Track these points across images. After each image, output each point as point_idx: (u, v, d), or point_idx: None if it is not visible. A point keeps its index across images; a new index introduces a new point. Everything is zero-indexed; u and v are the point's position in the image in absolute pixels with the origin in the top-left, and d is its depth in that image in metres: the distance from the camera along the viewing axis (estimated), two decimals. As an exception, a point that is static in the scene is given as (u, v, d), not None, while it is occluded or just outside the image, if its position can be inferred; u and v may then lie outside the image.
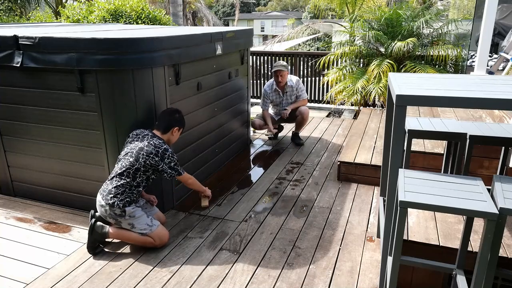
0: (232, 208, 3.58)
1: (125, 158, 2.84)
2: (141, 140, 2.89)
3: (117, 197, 2.78)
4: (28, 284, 2.58)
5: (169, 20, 8.28)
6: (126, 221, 2.84)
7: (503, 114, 3.99)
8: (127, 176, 2.80)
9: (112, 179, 2.83)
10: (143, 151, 2.80)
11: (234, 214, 3.47)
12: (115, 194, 2.78)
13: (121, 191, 2.79)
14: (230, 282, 2.60)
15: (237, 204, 3.66)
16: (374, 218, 3.38)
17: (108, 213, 2.81)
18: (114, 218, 2.84)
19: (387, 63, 5.75)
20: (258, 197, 3.80)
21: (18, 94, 3.38)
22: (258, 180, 4.20)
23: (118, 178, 2.81)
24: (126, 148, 2.90)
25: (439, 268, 2.25)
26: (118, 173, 2.81)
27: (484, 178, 3.04)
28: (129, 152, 2.84)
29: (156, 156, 2.82)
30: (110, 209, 2.79)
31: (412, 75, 2.56)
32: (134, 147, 2.85)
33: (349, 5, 9.07)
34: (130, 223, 2.85)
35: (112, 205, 2.78)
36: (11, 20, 10.50)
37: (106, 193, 2.80)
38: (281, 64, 4.99)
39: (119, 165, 2.86)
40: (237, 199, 3.76)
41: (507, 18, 7.89)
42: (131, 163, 2.80)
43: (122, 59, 2.99)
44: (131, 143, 2.90)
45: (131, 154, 2.82)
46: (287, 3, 53.85)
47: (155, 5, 16.18)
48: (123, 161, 2.84)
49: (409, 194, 1.85)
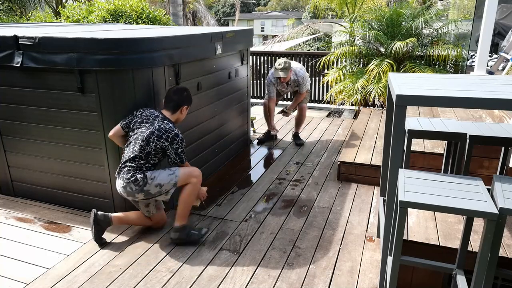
0: (232, 208, 3.58)
1: (136, 142, 2.84)
2: (151, 123, 2.87)
3: (135, 173, 2.81)
4: (28, 284, 2.58)
5: (169, 20, 8.29)
6: (151, 185, 2.83)
7: (503, 114, 3.99)
8: (140, 159, 2.83)
9: (125, 163, 2.84)
10: (154, 135, 2.82)
11: (234, 214, 3.47)
12: (133, 172, 2.81)
13: (136, 167, 2.82)
14: (230, 282, 2.60)
15: (237, 204, 3.66)
16: (374, 218, 3.38)
17: (135, 189, 2.81)
18: (142, 191, 2.82)
19: (387, 62, 5.75)
20: (258, 197, 3.80)
21: (18, 94, 3.38)
22: (258, 180, 4.20)
23: (131, 161, 2.83)
24: (136, 130, 2.88)
25: (439, 268, 2.25)
26: (131, 157, 2.82)
27: (484, 178, 3.04)
28: (140, 136, 2.84)
29: (166, 141, 2.84)
30: (134, 185, 2.80)
31: (412, 75, 2.56)
32: (144, 131, 2.84)
33: (349, 5, 9.06)
34: (156, 184, 2.85)
35: (134, 181, 2.80)
36: (11, 20, 10.50)
37: (124, 175, 2.82)
38: (282, 68, 4.75)
39: (130, 148, 2.86)
40: (237, 199, 3.76)
41: (507, 18, 7.89)
42: (143, 147, 2.82)
43: (122, 59, 2.99)
44: (141, 125, 2.88)
45: (142, 139, 2.82)
46: (287, 3, 53.84)
47: (155, 5, 16.18)
48: (134, 144, 2.84)
49: (409, 194, 1.85)
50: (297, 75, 4.97)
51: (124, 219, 3.08)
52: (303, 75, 5.01)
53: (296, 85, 5.06)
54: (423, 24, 5.95)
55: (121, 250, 2.94)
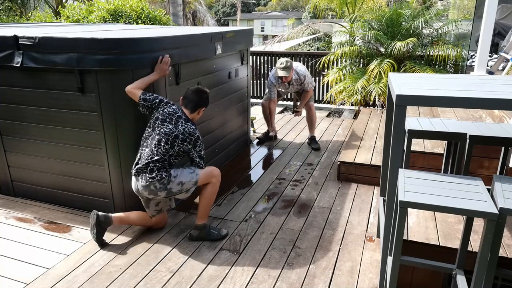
0: (232, 208, 3.58)
1: (160, 144, 2.81)
2: (175, 124, 2.86)
3: (160, 171, 2.82)
4: (28, 284, 2.58)
5: (169, 20, 8.29)
6: (174, 183, 2.85)
7: (503, 114, 3.98)
8: (163, 161, 2.83)
9: (148, 164, 2.82)
10: (179, 139, 2.83)
11: (234, 214, 3.47)
12: (157, 171, 2.81)
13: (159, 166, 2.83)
14: (230, 282, 2.60)
15: (237, 204, 3.66)
16: (374, 218, 3.38)
17: (159, 187, 2.82)
18: (165, 189, 2.84)
19: (387, 62, 5.76)
20: (258, 197, 3.80)
21: (18, 94, 3.38)
22: (258, 180, 4.20)
23: (155, 162, 2.82)
24: (158, 129, 2.85)
25: (439, 268, 2.25)
26: (155, 159, 2.81)
27: (484, 178, 3.04)
28: (164, 138, 2.82)
29: (190, 144, 2.87)
30: (159, 183, 2.81)
31: (412, 75, 2.56)
32: (169, 133, 2.83)
33: (349, 5, 9.07)
34: (178, 182, 2.86)
35: (159, 180, 2.81)
36: (11, 20, 10.50)
37: (147, 174, 2.81)
38: (284, 67, 4.68)
39: (152, 149, 2.82)
40: (237, 199, 3.76)
41: (507, 18, 7.89)
42: (167, 150, 2.82)
43: (122, 59, 2.99)
44: (163, 125, 2.85)
45: (166, 141, 2.82)
46: (287, 3, 53.84)
47: (155, 5, 16.18)
48: (157, 146, 2.82)
49: (409, 194, 1.85)
50: (298, 74, 4.91)
51: (125, 219, 3.09)
52: (304, 73, 4.94)
53: (299, 84, 4.97)
54: (423, 24, 5.95)
55: (121, 250, 2.94)
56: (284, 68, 4.70)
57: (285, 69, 4.70)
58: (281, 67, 4.72)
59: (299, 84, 4.99)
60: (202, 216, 3.06)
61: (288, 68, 4.71)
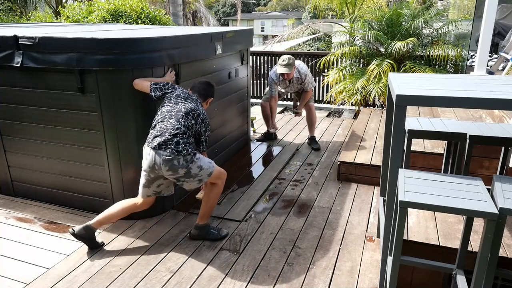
0: (232, 206, 3.58)
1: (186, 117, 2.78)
2: (195, 104, 2.89)
3: (185, 145, 2.77)
4: (28, 284, 2.58)
5: (169, 20, 8.29)
6: (195, 164, 2.82)
7: (503, 114, 3.98)
8: (188, 136, 2.79)
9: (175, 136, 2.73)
10: (200, 118, 2.86)
11: (234, 213, 3.47)
12: (184, 146, 2.75)
13: (185, 141, 2.77)
14: (230, 282, 2.60)
15: (237, 202, 3.66)
16: (374, 218, 3.38)
17: (181, 163, 2.74)
18: (186, 167, 2.77)
19: (387, 63, 5.76)
20: (257, 197, 3.79)
21: (18, 94, 3.38)
22: (258, 179, 4.20)
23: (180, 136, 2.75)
24: (181, 104, 2.83)
25: (439, 268, 2.25)
26: (182, 131, 2.75)
27: (484, 178, 3.04)
28: (190, 112, 2.81)
29: (205, 126, 2.92)
30: (183, 159, 2.74)
31: (412, 75, 2.56)
32: (194, 109, 2.83)
33: (349, 5, 9.06)
34: (199, 166, 2.84)
35: (185, 154, 2.75)
36: (11, 20, 10.50)
37: (172, 147, 2.71)
38: (286, 64, 4.62)
39: (177, 120, 2.76)
40: (237, 197, 3.76)
41: (507, 18, 7.89)
42: (192, 124, 2.81)
43: (122, 59, 2.99)
44: (186, 101, 2.86)
45: (193, 116, 2.81)
46: (287, 3, 53.85)
47: (155, 5, 16.19)
48: (184, 119, 2.78)
49: (409, 194, 1.85)
50: (300, 72, 4.86)
51: (106, 220, 2.95)
52: (305, 72, 4.89)
53: (300, 82, 4.92)
54: (423, 24, 5.95)
55: (121, 250, 2.94)
56: (286, 65, 4.64)
57: (287, 66, 4.64)
58: (283, 64, 4.66)
59: (299, 83, 4.94)
60: (204, 217, 3.05)
61: (290, 65, 4.66)
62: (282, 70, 4.67)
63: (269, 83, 5.03)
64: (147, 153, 2.78)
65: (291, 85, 5.00)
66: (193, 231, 3.08)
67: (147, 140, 2.81)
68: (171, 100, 2.88)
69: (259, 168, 4.50)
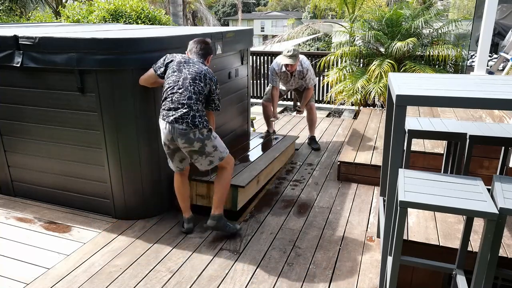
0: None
1: (194, 82, 2.76)
2: (198, 65, 2.85)
3: (201, 118, 2.77)
4: (28, 284, 2.58)
5: (169, 20, 8.29)
6: (211, 142, 2.83)
7: (503, 114, 3.99)
8: (198, 101, 2.77)
9: (189, 106, 2.73)
10: (207, 78, 2.82)
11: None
12: (200, 119, 2.76)
13: (200, 114, 2.78)
14: (230, 282, 2.60)
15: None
16: (374, 218, 3.38)
17: (197, 137, 2.75)
18: (202, 142, 2.78)
19: (387, 63, 5.76)
20: (258, 197, 3.79)
21: (18, 94, 3.38)
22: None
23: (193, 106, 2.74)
24: (184, 70, 2.80)
25: (439, 268, 2.25)
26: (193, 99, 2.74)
27: (484, 178, 3.04)
28: (197, 76, 2.78)
29: (214, 84, 2.87)
30: (198, 131, 2.75)
31: (412, 75, 2.56)
32: (198, 71, 2.80)
33: (349, 5, 9.07)
34: (214, 145, 2.85)
35: (201, 128, 2.76)
36: (11, 20, 10.51)
37: (189, 120, 2.72)
38: (291, 55, 4.52)
39: (186, 87, 2.75)
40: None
41: (507, 18, 7.89)
42: (202, 88, 2.79)
43: (122, 59, 2.99)
44: (189, 65, 2.82)
45: (200, 79, 2.78)
46: (287, 3, 53.85)
47: (155, 5, 16.19)
48: (192, 84, 2.76)
49: (409, 194, 1.85)
50: (303, 66, 4.77)
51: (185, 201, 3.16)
52: (307, 66, 4.81)
53: (301, 77, 4.83)
54: (423, 24, 5.95)
55: (121, 250, 2.94)
56: (291, 56, 4.54)
57: (292, 57, 4.55)
58: (288, 55, 4.56)
59: (301, 77, 4.84)
60: (219, 205, 3.03)
61: (295, 56, 4.56)
62: (286, 61, 4.56)
63: (270, 74, 4.90)
64: (164, 127, 2.81)
65: (292, 80, 4.89)
66: (210, 222, 3.03)
67: (161, 113, 2.83)
68: (175, 69, 2.84)
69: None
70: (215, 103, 2.94)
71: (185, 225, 3.15)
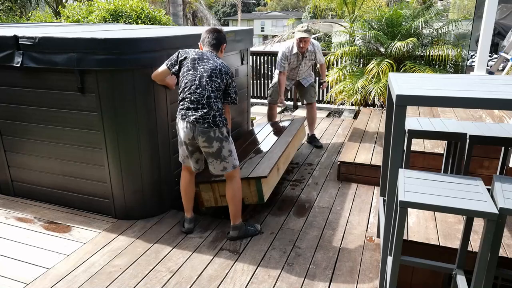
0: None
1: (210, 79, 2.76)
2: (212, 60, 2.83)
3: (221, 117, 2.78)
4: (28, 284, 2.58)
5: (169, 20, 8.29)
6: (228, 146, 2.85)
7: (503, 114, 3.99)
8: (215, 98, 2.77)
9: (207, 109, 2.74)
10: (223, 73, 2.81)
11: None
12: (219, 115, 2.77)
13: (220, 113, 2.79)
14: (230, 282, 2.60)
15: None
16: (374, 218, 3.38)
17: (216, 136, 2.77)
18: (221, 142, 2.80)
19: (386, 62, 5.75)
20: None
21: (18, 94, 3.38)
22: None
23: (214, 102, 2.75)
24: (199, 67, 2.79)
25: (439, 268, 2.25)
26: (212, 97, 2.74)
27: (484, 178, 3.04)
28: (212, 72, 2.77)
29: (231, 77, 2.86)
30: (219, 130, 2.77)
31: (412, 75, 2.56)
32: (213, 68, 2.79)
33: (349, 5, 9.07)
34: (230, 150, 2.86)
35: (221, 126, 2.77)
36: (11, 20, 10.50)
37: (211, 120, 2.74)
38: (306, 30, 4.61)
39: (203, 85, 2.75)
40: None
41: (507, 18, 7.89)
42: (219, 84, 2.79)
43: (122, 59, 2.99)
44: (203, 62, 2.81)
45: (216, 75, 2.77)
46: (287, 3, 53.86)
47: (155, 5, 16.18)
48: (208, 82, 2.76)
49: (409, 194, 1.85)
50: (314, 45, 4.89)
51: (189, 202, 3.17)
52: (318, 45, 4.96)
53: (312, 57, 4.94)
54: (423, 24, 5.95)
55: (121, 250, 2.94)
56: (305, 31, 4.62)
57: (306, 31, 4.62)
58: (302, 30, 4.64)
59: (312, 57, 4.94)
60: (237, 216, 3.04)
61: (309, 31, 4.66)
62: (302, 35, 4.62)
63: (279, 59, 4.88)
64: (184, 126, 2.81)
65: (303, 61, 4.93)
66: (232, 233, 3.06)
67: (180, 113, 2.83)
68: (190, 67, 2.83)
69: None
70: (231, 96, 2.93)
71: (186, 224, 3.15)
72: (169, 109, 3.33)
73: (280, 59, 4.89)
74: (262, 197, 3.24)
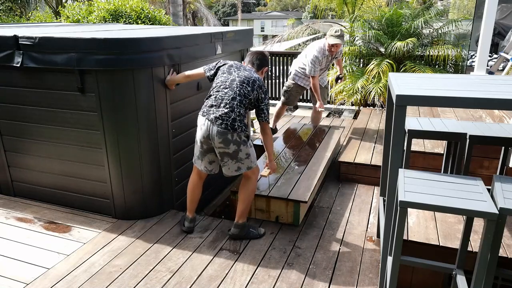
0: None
1: (242, 85, 2.77)
2: (249, 71, 2.87)
3: (241, 123, 2.77)
4: (28, 284, 2.58)
5: (169, 20, 8.29)
6: (246, 149, 2.84)
7: (503, 114, 3.99)
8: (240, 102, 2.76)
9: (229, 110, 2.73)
10: (256, 85, 2.82)
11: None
12: (239, 120, 2.75)
13: (240, 119, 2.77)
14: (230, 282, 2.60)
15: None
16: (374, 218, 3.38)
17: (234, 139, 2.75)
18: (238, 145, 2.78)
19: (386, 62, 5.75)
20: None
21: (18, 94, 3.38)
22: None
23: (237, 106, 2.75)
24: (234, 73, 2.83)
25: (439, 268, 2.25)
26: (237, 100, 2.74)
27: (484, 178, 3.04)
28: (245, 79, 2.79)
29: (263, 93, 2.85)
30: (236, 134, 2.75)
31: (412, 75, 2.56)
32: (248, 77, 2.81)
33: (349, 5, 9.06)
34: (247, 153, 2.85)
35: (239, 131, 2.75)
36: (11, 20, 10.50)
37: (230, 122, 2.72)
38: (339, 35, 4.51)
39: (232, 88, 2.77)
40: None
41: (507, 18, 7.90)
42: (248, 92, 2.79)
43: (122, 59, 2.98)
44: (240, 70, 2.86)
45: (248, 83, 2.78)
46: (287, 3, 53.87)
47: (155, 5, 16.19)
48: (239, 87, 2.77)
49: (409, 194, 1.86)
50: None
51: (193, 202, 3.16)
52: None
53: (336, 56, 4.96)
54: (423, 24, 5.95)
55: (121, 250, 2.94)
56: (339, 36, 4.54)
57: (340, 37, 4.55)
58: (335, 35, 4.54)
59: (336, 56, 4.96)
60: (243, 215, 3.04)
61: (343, 36, 4.60)
62: (336, 41, 4.53)
63: (313, 64, 4.72)
64: (202, 123, 2.81)
65: (328, 62, 4.95)
66: (233, 230, 3.06)
67: (202, 110, 2.84)
68: (225, 71, 2.89)
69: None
70: (265, 113, 2.89)
71: (186, 223, 3.15)
72: (169, 109, 3.33)
73: (313, 63, 4.72)
74: (298, 220, 3.25)
